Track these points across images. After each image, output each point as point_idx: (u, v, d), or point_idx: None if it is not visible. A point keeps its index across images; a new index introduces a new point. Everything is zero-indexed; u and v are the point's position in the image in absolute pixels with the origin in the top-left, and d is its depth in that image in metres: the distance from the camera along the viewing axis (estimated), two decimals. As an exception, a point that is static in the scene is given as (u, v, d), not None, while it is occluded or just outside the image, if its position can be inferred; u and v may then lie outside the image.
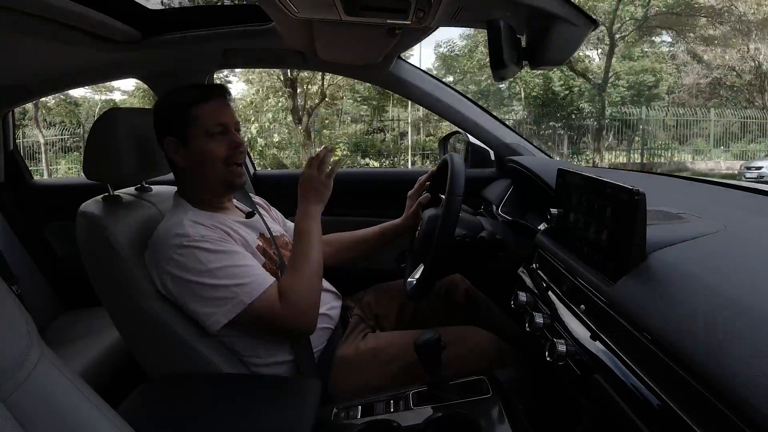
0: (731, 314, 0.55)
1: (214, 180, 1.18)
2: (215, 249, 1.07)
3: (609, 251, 0.78)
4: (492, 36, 0.97)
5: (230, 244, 1.11)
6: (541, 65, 1.07)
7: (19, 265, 2.02)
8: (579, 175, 0.94)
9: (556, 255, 0.97)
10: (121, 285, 1.12)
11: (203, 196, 1.20)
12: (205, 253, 1.06)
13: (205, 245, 1.06)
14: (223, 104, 1.17)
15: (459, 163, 1.25)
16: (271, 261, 1.21)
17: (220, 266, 1.05)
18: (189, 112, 1.13)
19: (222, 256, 1.07)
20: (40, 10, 1.14)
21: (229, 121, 1.17)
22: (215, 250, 1.07)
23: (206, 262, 1.05)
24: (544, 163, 1.59)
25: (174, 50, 1.70)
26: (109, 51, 1.58)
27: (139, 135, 1.21)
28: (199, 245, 1.06)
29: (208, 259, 1.05)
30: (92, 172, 1.20)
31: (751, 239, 0.78)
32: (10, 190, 2.16)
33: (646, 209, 0.71)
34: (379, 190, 2.04)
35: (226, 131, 1.16)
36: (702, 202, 1.12)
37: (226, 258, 1.07)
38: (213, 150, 1.14)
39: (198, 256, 1.05)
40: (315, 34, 1.35)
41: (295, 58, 1.76)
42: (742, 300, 0.57)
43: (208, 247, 1.06)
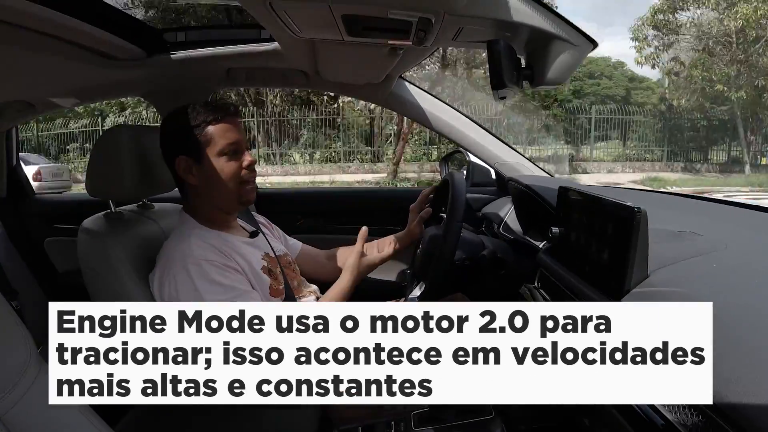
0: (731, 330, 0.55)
1: (227, 198, 1.18)
2: (216, 279, 1.06)
3: (610, 270, 0.77)
4: (492, 56, 0.98)
5: (233, 275, 1.10)
6: (541, 85, 1.08)
7: (19, 280, 2.01)
8: (580, 193, 0.94)
9: (558, 274, 0.97)
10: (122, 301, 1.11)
11: (211, 215, 1.20)
12: (203, 281, 1.05)
13: (207, 271, 1.06)
14: (236, 124, 1.18)
15: (460, 185, 1.25)
16: (276, 281, 1.21)
17: (214, 300, 1.04)
18: (202, 132, 1.14)
19: (218, 288, 1.06)
20: (43, 26, 1.15)
21: (242, 138, 1.18)
22: (215, 281, 1.06)
23: (203, 293, 1.04)
24: (544, 181, 1.59)
25: (178, 69, 1.72)
26: (113, 69, 1.59)
27: (142, 152, 1.21)
28: (200, 270, 1.05)
29: (205, 289, 1.05)
30: (95, 188, 1.20)
31: (753, 258, 0.78)
32: (12, 205, 2.17)
33: (648, 227, 0.71)
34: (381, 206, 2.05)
35: (239, 150, 1.16)
36: (703, 220, 1.12)
37: (223, 292, 1.06)
38: (228, 169, 1.15)
39: (196, 283, 1.05)
40: (318, 55, 1.37)
41: (298, 78, 1.77)
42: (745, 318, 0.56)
43: (209, 274, 1.06)
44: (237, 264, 1.12)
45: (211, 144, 1.14)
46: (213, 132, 1.14)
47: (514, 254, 1.35)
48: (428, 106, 1.83)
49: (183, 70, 1.73)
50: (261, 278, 1.16)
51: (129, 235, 1.18)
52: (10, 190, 2.17)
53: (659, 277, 0.71)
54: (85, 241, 1.15)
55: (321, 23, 1.02)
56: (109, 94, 1.92)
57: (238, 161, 1.16)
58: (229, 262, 1.11)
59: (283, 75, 1.79)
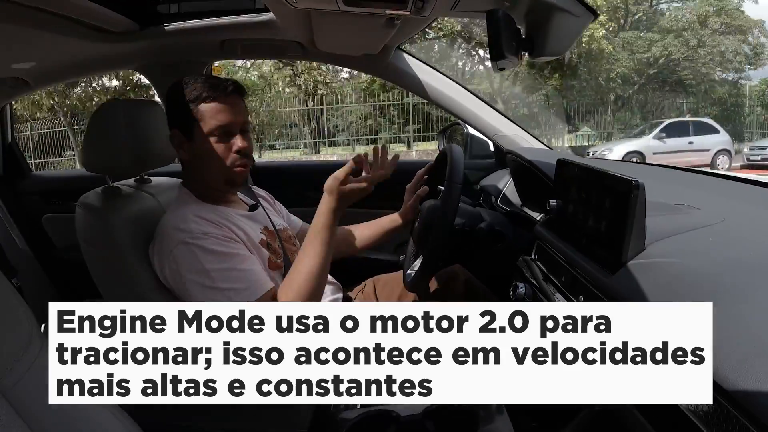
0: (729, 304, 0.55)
1: (215, 177, 1.17)
2: (216, 249, 1.06)
3: (608, 242, 0.78)
4: (491, 26, 0.97)
5: (233, 243, 1.09)
6: (540, 56, 1.06)
7: (18, 257, 2.02)
8: (578, 166, 0.94)
9: (555, 246, 0.97)
10: (121, 277, 1.12)
11: (207, 190, 1.19)
12: (204, 252, 1.05)
13: (206, 244, 1.05)
14: (232, 104, 1.14)
15: (458, 153, 1.25)
16: (275, 254, 1.20)
17: (217, 268, 1.04)
18: (195, 108, 1.11)
19: (222, 257, 1.06)
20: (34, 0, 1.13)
21: (236, 121, 1.14)
22: (216, 251, 1.05)
23: (204, 262, 1.04)
24: (542, 154, 1.58)
25: (171, 41, 1.69)
26: (106, 42, 1.57)
27: (138, 126, 1.20)
28: (200, 243, 1.05)
29: (206, 259, 1.04)
30: (91, 163, 1.19)
31: (750, 231, 0.78)
32: (9, 182, 2.16)
33: (645, 200, 0.71)
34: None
35: (230, 132, 1.14)
36: (701, 193, 1.12)
37: (225, 260, 1.06)
38: (215, 151, 1.13)
39: (197, 255, 1.04)
40: (313, 25, 1.35)
41: (293, 49, 1.75)
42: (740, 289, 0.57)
43: (209, 246, 1.05)
44: (235, 235, 1.12)
45: (201, 122, 1.12)
46: (204, 110, 1.11)
47: (512, 227, 1.35)
48: (426, 78, 1.81)
49: (177, 43, 1.70)
50: (260, 251, 1.17)
51: (126, 209, 1.18)
52: (7, 168, 2.16)
53: (656, 249, 0.72)
54: (83, 217, 1.15)
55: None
56: (104, 68, 1.90)
57: (227, 144, 1.13)
58: (227, 234, 1.10)
59: (278, 46, 1.76)
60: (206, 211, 1.13)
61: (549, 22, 1.00)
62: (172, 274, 1.06)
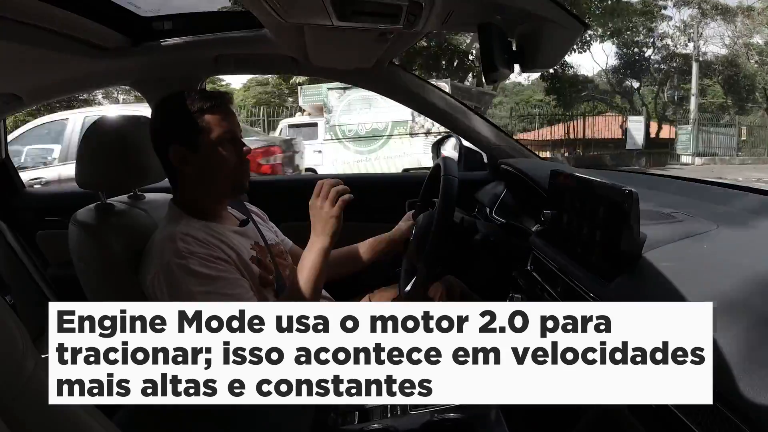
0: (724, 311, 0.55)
1: (222, 186, 1.17)
2: (200, 271, 1.04)
3: (603, 251, 0.78)
4: (483, 40, 0.98)
5: (220, 264, 1.08)
6: (532, 68, 1.08)
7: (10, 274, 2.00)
8: (571, 177, 0.94)
9: (551, 256, 0.97)
10: (114, 293, 1.11)
11: (202, 204, 1.18)
12: (188, 274, 1.03)
13: (192, 265, 1.04)
14: (231, 112, 1.17)
15: (452, 165, 1.27)
16: (266, 270, 1.20)
17: (200, 290, 1.03)
18: (200, 119, 1.12)
19: (205, 280, 1.04)
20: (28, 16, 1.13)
21: (236, 128, 1.17)
22: (199, 273, 1.04)
23: (188, 284, 1.03)
24: (536, 165, 1.59)
25: (165, 57, 1.69)
26: (99, 58, 1.57)
27: (131, 143, 1.20)
28: (185, 264, 1.03)
29: (190, 281, 1.03)
30: (84, 180, 1.19)
31: (744, 238, 0.79)
32: (2, 199, 2.14)
33: (639, 209, 0.71)
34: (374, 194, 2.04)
35: (235, 138, 1.16)
36: (695, 201, 1.13)
37: (208, 282, 1.04)
38: (226, 157, 1.14)
39: (181, 276, 1.03)
40: (307, 40, 1.35)
41: (287, 64, 1.76)
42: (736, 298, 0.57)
43: (194, 267, 1.04)
44: (224, 254, 1.11)
45: (208, 132, 1.12)
46: (211, 119, 1.13)
47: (507, 238, 1.35)
48: (420, 92, 1.82)
49: (171, 58, 1.70)
50: (250, 268, 1.16)
51: (119, 226, 1.17)
52: (0, 185, 2.14)
53: (651, 257, 0.72)
54: (76, 233, 1.15)
55: (310, 8, 1.01)
56: (98, 84, 1.90)
57: (234, 149, 1.15)
58: (215, 253, 1.09)
59: (272, 61, 1.77)
60: (196, 229, 1.11)
61: (540, 34, 1.01)
62: (155, 294, 1.05)
